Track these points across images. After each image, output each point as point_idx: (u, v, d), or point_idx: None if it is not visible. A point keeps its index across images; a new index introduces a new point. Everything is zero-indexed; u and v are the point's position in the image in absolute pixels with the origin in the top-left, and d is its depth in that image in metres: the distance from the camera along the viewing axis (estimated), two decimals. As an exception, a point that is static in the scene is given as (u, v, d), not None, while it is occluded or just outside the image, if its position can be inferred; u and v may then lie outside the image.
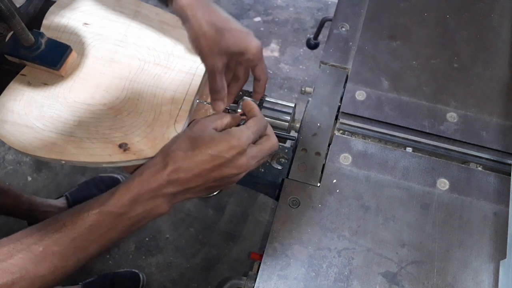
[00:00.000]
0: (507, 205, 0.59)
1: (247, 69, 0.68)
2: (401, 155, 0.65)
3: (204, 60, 0.61)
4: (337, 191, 0.62)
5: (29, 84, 0.65)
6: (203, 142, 0.52)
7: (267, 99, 0.68)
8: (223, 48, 0.60)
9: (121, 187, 0.52)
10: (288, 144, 0.73)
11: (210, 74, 0.63)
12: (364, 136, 0.68)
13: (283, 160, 0.69)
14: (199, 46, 0.60)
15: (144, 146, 0.61)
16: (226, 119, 0.58)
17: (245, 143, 0.52)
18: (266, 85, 0.68)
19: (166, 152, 0.54)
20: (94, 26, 0.70)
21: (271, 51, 1.67)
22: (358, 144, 0.66)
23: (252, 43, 0.62)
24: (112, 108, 0.64)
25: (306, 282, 0.56)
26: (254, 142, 0.55)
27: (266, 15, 1.76)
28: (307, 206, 0.61)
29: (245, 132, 0.53)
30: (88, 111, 0.63)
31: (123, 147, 0.60)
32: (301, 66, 1.64)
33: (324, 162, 0.65)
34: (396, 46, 0.74)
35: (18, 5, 0.72)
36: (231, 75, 0.70)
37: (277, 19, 1.75)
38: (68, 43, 0.66)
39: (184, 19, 0.60)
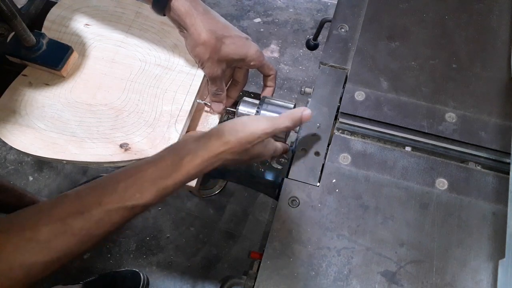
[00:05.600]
0: (506, 205, 0.59)
1: (246, 73, 0.69)
2: (400, 155, 0.66)
3: (203, 67, 0.61)
4: (337, 190, 0.63)
5: (31, 84, 0.65)
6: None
7: (267, 99, 0.68)
8: (222, 56, 0.61)
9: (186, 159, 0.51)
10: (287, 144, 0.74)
11: (209, 80, 0.64)
12: (363, 136, 0.68)
13: (283, 160, 0.70)
14: (198, 54, 0.60)
15: (145, 146, 0.61)
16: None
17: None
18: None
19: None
20: (95, 27, 0.71)
21: (271, 52, 1.68)
22: (357, 144, 0.67)
23: (251, 49, 0.63)
24: (113, 108, 0.64)
25: (306, 281, 0.57)
26: None
27: (266, 16, 1.76)
28: (307, 206, 0.61)
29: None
30: (89, 111, 0.64)
31: (124, 147, 0.61)
32: (300, 67, 1.65)
33: (323, 162, 0.65)
34: (395, 47, 0.74)
35: (19, 6, 0.73)
36: (230, 76, 0.70)
37: (277, 20, 1.75)
38: (69, 44, 0.67)
39: (183, 27, 0.59)
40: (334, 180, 0.63)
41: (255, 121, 0.55)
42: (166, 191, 0.50)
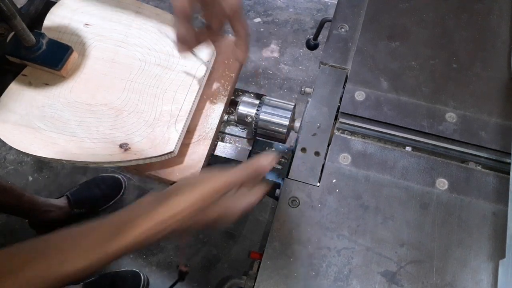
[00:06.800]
0: (506, 205, 0.59)
1: (221, 23, 0.61)
2: (401, 155, 0.66)
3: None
4: (337, 190, 0.63)
5: (30, 84, 0.65)
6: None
7: (267, 98, 0.68)
8: None
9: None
10: (287, 144, 0.74)
11: (178, 16, 0.56)
12: (364, 136, 0.68)
13: (283, 160, 0.69)
14: None
15: (145, 146, 0.61)
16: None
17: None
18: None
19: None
20: (95, 27, 0.71)
21: (271, 52, 1.68)
22: (357, 144, 0.67)
23: None
24: (113, 108, 0.64)
25: (306, 281, 0.57)
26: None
27: (266, 16, 1.76)
28: (307, 206, 0.61)
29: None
30: (89, 111, 0.64)
31: (124, 147, 0.61)
32: (300, 67, 1.65)
33: (323, 162, 0.65)
34: (395, 47, 0.74)
35: (19, 6, 0.72)
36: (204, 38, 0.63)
37: (277, 20, 1.75)
38: (69, 44, 0.67)
39: None
40: (334, 180, 0.63)
41: (202, 180, 0.49)
42: (105, 260, 0.45)
